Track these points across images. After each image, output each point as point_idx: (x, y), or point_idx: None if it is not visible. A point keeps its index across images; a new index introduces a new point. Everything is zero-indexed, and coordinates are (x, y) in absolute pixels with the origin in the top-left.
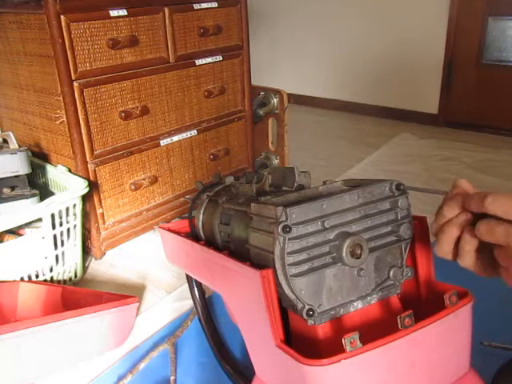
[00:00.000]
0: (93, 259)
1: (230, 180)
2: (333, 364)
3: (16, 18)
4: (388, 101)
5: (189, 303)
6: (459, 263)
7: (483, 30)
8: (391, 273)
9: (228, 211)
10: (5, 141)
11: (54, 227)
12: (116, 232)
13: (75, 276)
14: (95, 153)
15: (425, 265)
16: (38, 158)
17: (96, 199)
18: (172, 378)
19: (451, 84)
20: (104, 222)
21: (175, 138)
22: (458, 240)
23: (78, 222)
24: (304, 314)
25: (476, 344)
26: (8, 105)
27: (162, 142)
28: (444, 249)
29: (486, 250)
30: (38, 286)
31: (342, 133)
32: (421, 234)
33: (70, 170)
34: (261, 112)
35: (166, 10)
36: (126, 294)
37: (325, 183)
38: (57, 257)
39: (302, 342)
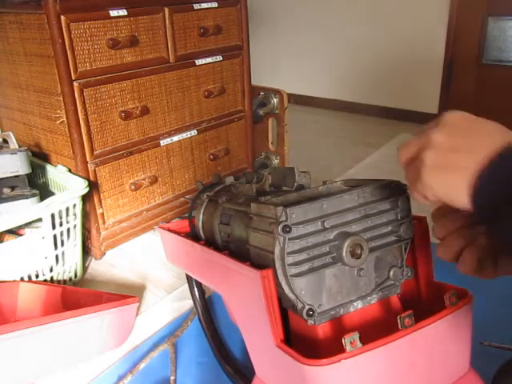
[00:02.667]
0: (93, 259)
1: (230, 180)
2: (333, 364)
3: (16, 18)
4: (388, 101)
5: (189, 303)
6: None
7: (483, 30)
8: (391, 273)
9: (228, 211)
10: (5, 141)
11: (54, 227)
12: (116, 232)
13: (75, 276)
14: (95, 153)
15: (425, 265)
16: (38, 158)
17: (96, 199)
18: (172, 378)
19: (451, 84)
20: (104, 222)
21: (175, 138)
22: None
23: (78, 222)
24: (304, 314)
25: (476, 344)
26: (8, 105)
27: (162, 142)
28: (451, 252)
29: (485, 252)
30: (37, 286)
31: (342, 133)
32: (421, 234)
33: (70, 170)
34: (261, 112)
35: (166, 10)
36: (126, 294)
37: (325, 183)
38: (57, 257)
39: (302, 342)
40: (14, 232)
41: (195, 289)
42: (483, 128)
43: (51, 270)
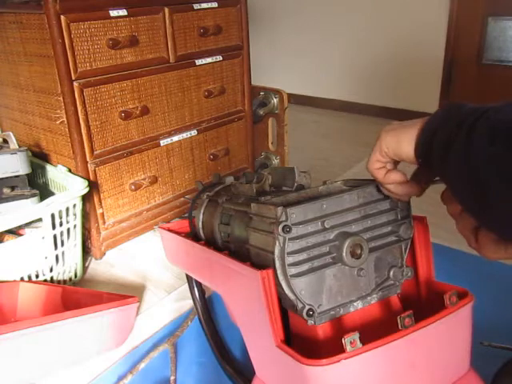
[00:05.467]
0: (93, 259)
1: (230, 180)
2: (333, 364)
3: (16, 18)
4: (388, 101)
5: (189, 303)
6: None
7: (483, 30)
8: (391, 273)
9: (228, 211)
10: (5, 141)
11: (54, 227)
12: (116, 232)
13: (75, 276)
14: (95, 153)
15: (425, 265)
16: (38, 158)
17: (96, 199)
18: (172, 378)
19: (451, 84)
20: (104, 222)
21: (175, 138)
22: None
23: (78, 222)
24: (304, 314)
25: (476, 344)
26: (8, 105)
27: (162, 142)
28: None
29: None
30: (38, 286)
31: (342, 133)
32: (421, 233)
33: (70, 170)
34: (261, 112)
35: (166, 10)
36: (126, 294)
37: (325, 183)
38: (57, 257)
39: (302, 341)
40: (14, 232)
41: (195, 289)
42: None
43: (51, 270)
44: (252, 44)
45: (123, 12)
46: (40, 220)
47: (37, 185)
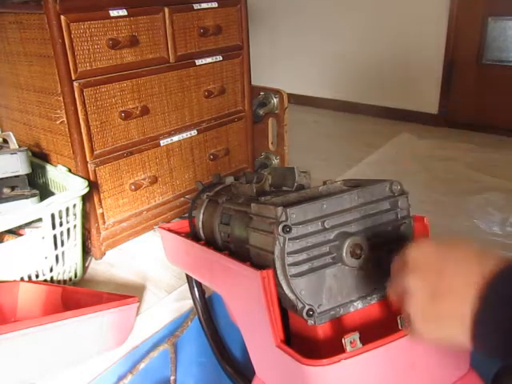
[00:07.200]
0: (93, 259)
1: (230, 180)
2: (333, 364)
3: (16, 18)
4: (388, 101)
5: (189, 303)
6: None
7: (483, 30)
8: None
9: (228, 211)
10: (5, 141)
11: (54, 227)
12: (116, 232)
13: (75, 276)
14: (95, 153)
15: None
16: (38, 158)
17: (96, 199)
18: (172, 377)
19: (451, 84)
20: (104, 222)
21: (175, 138)
22: None
23: (78, 222)
24: (304, 314)
25: None
26: (8, 105)
27: (162, 142)
28: None
29: None
30: (38, 286)
31: (342, 133)
32: (421, 234)
33: (70, 170)
34: (261, 112)
35: (166, 10)
36: (126, 294)
37: (325, 183)
38: (57, 257)
39: (302, 341)
40: (14, 232)
41: (195, 289)
42: (454, 265)
43: (51, 270)
44: (252, 44)
45: (123, 12)
46: (40, 220)
47: (37, 185)
